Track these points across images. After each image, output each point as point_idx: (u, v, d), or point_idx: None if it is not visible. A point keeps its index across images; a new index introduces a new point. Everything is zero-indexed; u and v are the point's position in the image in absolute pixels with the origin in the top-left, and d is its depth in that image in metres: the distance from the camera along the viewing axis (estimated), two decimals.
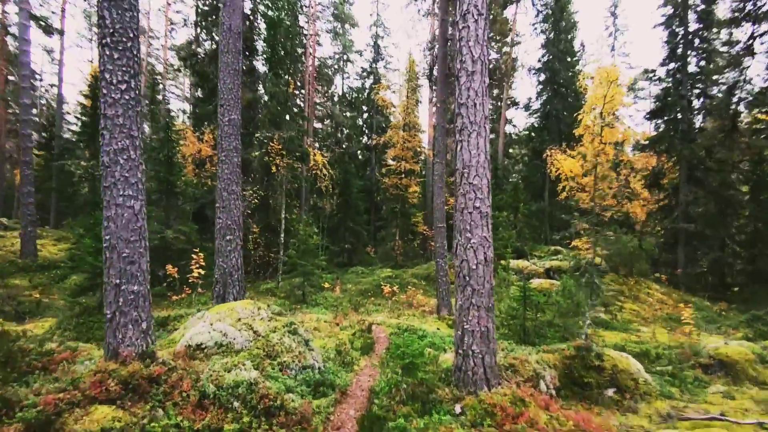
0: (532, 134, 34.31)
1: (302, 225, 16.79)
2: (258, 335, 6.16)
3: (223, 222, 9.69)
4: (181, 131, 22.18)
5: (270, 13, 22.09)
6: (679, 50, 24.52)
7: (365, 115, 36.47)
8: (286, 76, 21.01)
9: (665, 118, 25.34)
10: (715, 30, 23.73)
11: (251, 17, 22.90)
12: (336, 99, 36.70)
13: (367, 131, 36.29)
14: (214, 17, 22.83)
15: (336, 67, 36.59)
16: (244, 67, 23.26)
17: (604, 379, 6.27)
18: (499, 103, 35.95)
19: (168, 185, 17.40)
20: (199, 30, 25.03)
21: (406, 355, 4.98)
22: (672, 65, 25.03)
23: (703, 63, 24.32)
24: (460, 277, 5.36)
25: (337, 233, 28.38)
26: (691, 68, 24.58)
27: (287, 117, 20.74)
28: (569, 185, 23.09)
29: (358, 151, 36.36)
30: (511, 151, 41.66)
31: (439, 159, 13.75)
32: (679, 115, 24.37)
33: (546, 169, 26.82)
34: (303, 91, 30.42)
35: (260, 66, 23.71)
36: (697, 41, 24.18)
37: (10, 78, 26.81)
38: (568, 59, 32.20)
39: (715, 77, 24.27)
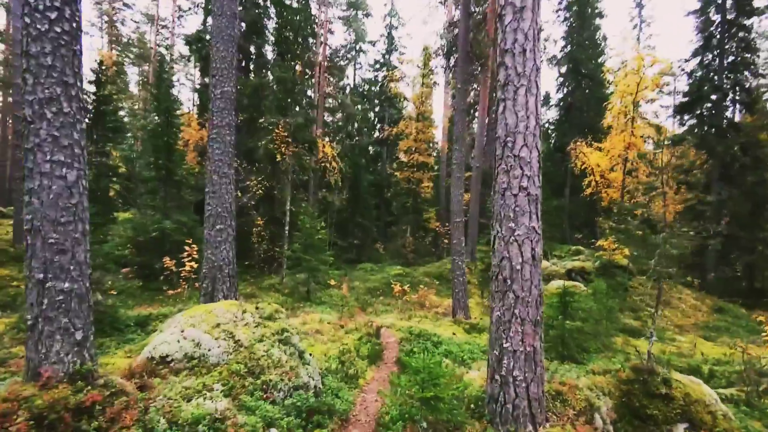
0: (550, 128, 32.63)
1: (308, 217, 15.54)
2: (240, 345, 4.95)
3: (212, 209, 8.49)
4: (182, 115, 21.12)
5: None
6: (715, 39, 22.74)
7: (377, 108, 35.26)
8: (295, 61, 19.79)
9: (696, 112, 23.56)
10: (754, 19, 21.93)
11: (260, 1, 21.80)
12: (348, 91, 35.49)
13: (378, 125, 35.11)
14: None
15: (348, 57, 35.35)
16: (252, 55, 22.34)
17: (674, 412, 4.95)
18: None
19: (167, 173, 16.36)
20: (206, 15, 24.08)
21: (426, 382, 3.71)
22: (707, 55, 23.22)
23: (738, 53, 22.41)
24: (499, 280, 4.07)
25: (345, 229, 27.37)
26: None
27: (295, 104, 19.55)
28: (595, 180, 21.57)
29: (369, 146, 35.20)
30: None
31: (458, 146, 12.38)
32: (713, 110, 22.61)
33: (569, 163, 25.24)
34: (313, 80, 29.28)
35: (270, 54, 22.78)
36: (733, 29, 22.35)
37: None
38: (592, 49, 30.42)
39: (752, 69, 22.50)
